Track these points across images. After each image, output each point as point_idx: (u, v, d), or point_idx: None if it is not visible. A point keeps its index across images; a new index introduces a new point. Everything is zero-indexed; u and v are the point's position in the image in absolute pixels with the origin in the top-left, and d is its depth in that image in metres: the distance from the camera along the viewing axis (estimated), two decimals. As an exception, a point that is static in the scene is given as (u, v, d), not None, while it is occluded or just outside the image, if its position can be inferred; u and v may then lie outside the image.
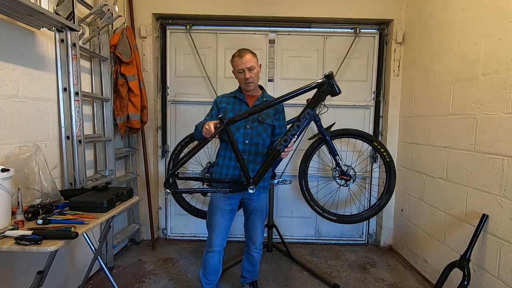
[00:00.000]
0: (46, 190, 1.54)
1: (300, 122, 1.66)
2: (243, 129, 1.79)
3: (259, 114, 1.79)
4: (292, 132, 1.66)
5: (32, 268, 1.60)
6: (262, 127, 1.81)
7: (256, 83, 1.82)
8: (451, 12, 2.09)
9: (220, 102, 1.86)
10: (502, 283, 1.62)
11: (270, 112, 1.83)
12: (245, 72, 1.76)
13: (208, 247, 1.84)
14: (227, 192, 1.74)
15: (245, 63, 1.75)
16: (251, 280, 2.08)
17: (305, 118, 1.67)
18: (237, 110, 1.82)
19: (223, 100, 1.87)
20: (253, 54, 1.80)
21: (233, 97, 1.87)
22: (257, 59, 1.82)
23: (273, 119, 1.85)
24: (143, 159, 2.79)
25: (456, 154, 2.01)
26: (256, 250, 1.94)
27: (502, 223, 1.63)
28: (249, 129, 1.79)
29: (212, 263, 1.84)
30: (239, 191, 1.76)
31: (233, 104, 1.84)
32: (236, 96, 1.86)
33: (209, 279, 1.88)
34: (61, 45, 1.86)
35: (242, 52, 1.77)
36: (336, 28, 2.88)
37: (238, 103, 1.84)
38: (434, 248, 2.23)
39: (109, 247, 2.37)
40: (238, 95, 1.86)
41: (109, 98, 2.32)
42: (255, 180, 1.71)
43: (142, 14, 2.73)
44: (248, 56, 1.76)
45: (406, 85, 2.72)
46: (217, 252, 1.83)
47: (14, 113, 1.57)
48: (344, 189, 2.55)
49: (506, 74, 1.63)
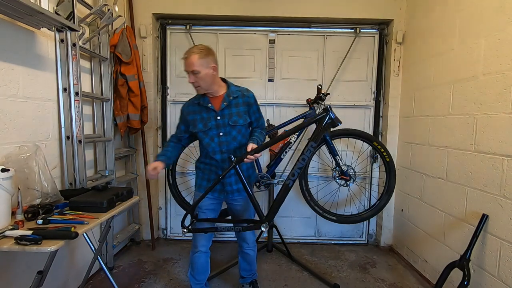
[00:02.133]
0: (46, 190, 1.54)
1: (305, 155, 1.76)
2: (217, 138, 1.70)
3: (229, 117, 1.68)
4: (298, 166, 1.77)
5: (32, 268, 1.60)
6: (236, 130, 1.71)
7: (205, 86, 1.65)
8: (451, 12, 2.09)
9: (187, 114, 1.73)
10: (502, 283, 1.61)
11: (241, 111, 1.71)
12: (189, 76, 1.62)
13: (194, 247, 1.84)
14: (240, 231, 1.76)
15: (188, 66, 1.60)
16: (251, 279, 2.07)
17: (309, 151, 1.77)
18: (206, 119, 1.69)
19: (189, 109, 1.74)
20: (203, 54, 1.59)
21: (198, 104, 1.72)
22: (212, 59, 1.62)
23: (247, 116, 1.74)
24: (143, 159, 2.79)
25: (456, 154, 2.01)
26: (249, 248, 1.94)
27: (502, 223, 1.63)
28: (223, 136, 1.70)
29: (199, 263, 1.83)
30: (253, 229, 1.80)
31: (199, 113, 1.71)
32: (200, 102, 1.71)
33: (198, 279, 1.87)
34: (61, 45, 1.86)
35: (187, 53, 1.60)
36: (336, 28, 2.88)
37: (204, 110, 1.70)
38: (434, 248, 2.23)
39: (109, 247, 2.37)
40: (202, 101, 1.70)
41: (109, 98, 2.32)
42: (268, 218, 1.76)
43: (142, 14, 2.73)
44: (193, 59, 1.57)
45: (406, 85, 2.72)
46: (203, 253, 1.82)
47: (14, 113, 1.57)
48: (344, 189, 2.55)
49: (506, 74, 1.63)
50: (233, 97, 1.71)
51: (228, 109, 1.70)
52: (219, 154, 1.72)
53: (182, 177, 2.92)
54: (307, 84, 2.91)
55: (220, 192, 1.79)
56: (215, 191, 1.78)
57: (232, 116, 1.69)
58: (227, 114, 1.69)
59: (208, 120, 1.69)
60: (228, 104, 1.69)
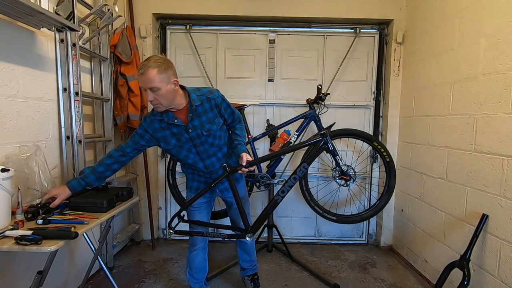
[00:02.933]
0: (46, 190, 1.54)
1: (297, 175, 1.77)
2: (194, 148, 1.59)
3: (201, 127, 1.55)
4: (289, 184, 1.76)
5: (32, 268, 1.60)
6: (212, 137, 1.60)
7: (166, 104, 1.46)
8: (451, 12, 2.09)
9: (154, 131, 1.55)
10: (502, 283, 1.61)
11: (211, 116, 1.58)
12: (146, 93, 1.40)
13: (191, 246, 1.84)
14: (225, 238, 1.74)
15: (145, 83, 1.37)
16: (252, 271, 2.05)
17: (301, 171, 1.77)
18: (177, 134, 1.55)
19: (154, 127, 1.54)
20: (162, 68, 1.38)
21: (163, 121, 1.53)
22: (172, 72, 1.43)
23: (219, 119, 1.62)
24: (143, 159, 2.79)
25: (456, 154, 2.01)
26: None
27: (502, 223, 1.63)
28: (200, 146, 1.59)
29: (197, 262, 1.83)
30: (237, 238, 1.78)
31: (168, 129, 1.55)
32: (163, 119, 1.52)
33: (196, 278, 1.86)
34: (61, 45, 1.86)
35: (143, 67, 1.36)
36: (336, 28, 2.88)
37: (173, 126, 1.54)
38: (434, 248, 2.23)
39: (109, 247, 2.37)
40: (166, 117, 1.51)
41: (109, 98, 2.32)
42: (253, 228, 1.73)
43: (142, 14, 2.73)
44: (150, 74, 1.35)
45: (406, 85, 2.72)
46: (201, 250, 1.82)
47: (14, 113, 1.57)
48: (344, 189, 2.55)
49: (506, 74, 1.63)
50: (195, 105, 1.54)
51: (197, 118, 1.55)
52: (200, 162, 1.64)
53: (182, 177, 2.91)
54: (307, 84, 2.91)
55: (212, 192, 1.79)
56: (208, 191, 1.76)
57: (203, 125, 1.56)
58: (198, 124, 1.55)
59: (180, 134, 1.56)
60: (194, 113, 1.54)
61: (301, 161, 1.80)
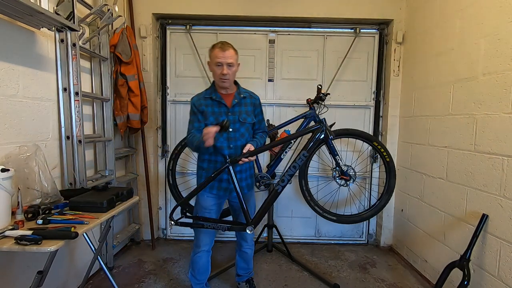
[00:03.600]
0: (46, 190, 1.54)
1: (297, 163, 1.80)
2: (226, 133, 1.71)
3: (239, 114, 1.75)
4: (289, 172, 1.80)
5: (32, 268, 1.60)
6: (245, 128, 1.77)
7: (232, 81, 1.75)
8: (451, 12, 2.09)
9: (199, 105, 1.74)
10: (502, 283, 1.62)
11: (249, 110, 1.79)
12: (223, 67, 1.66)
13: (196, 247, 1.84)
14: (225, 230, 1.76)
15: (226, 58, 1.64)
16: (247, 277, 2.09)
17: (301, 159, 1.81)
18: (217, 113, 1.73)
19: (200, 102, 1.75)
20: (236, 51, 1.71)
21: (210, 98, 1.75)
22: (238, 57, 1.75)
23: (253, 116, 1.81)
24: (143, 159, 2.79)
25: (456, 154, 2.01)
26: (248, 246, 1.96)
27: (502, 223, 1.63)
28: (232, 132, 1.73)
29: (201, 263, 1.84)
30: (238, 230, 1.80)
31: (211, 107, 1.74)
32: (212, 97, 1.75)
33: (199, 279, 1.88)
34: (61, 45, 1.86)
35: (225, 45, 1.66)
36: (336, 28, 2.88)
37: (216, 105, 1.75)
38: (434, 248, 2.23)
39: (109, 247, 2.37)
40: (214, 96, 1.75)
41: (109, 98, 2.32)
42: (254, 221, 1.75)
43: (142, 14, 2.73)
44: (231, 52, 1.66)
45: (406, 85, 2.72)
46: (205, 252, 1.84)
47: (14, 113, 1.57)
48: (344, 189, 2.55)
49: (506, 74, 1.63)
50: (242, 96, 1.79)
51: (239, 106, 1.77)
52: (226, 150, 1.73)
53: (182, 177, 2.92)
54: (307, 84, 2.91)
55: (225, 191, 1.79)
56: (220, 189, 1.78)
57: (241, 113, 1.76)
58: (238, 111, 1.76)
59: (219, 114, 1.72)
60: (239, 102, 1.77)
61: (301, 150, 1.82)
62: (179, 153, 2.60)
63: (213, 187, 1.78)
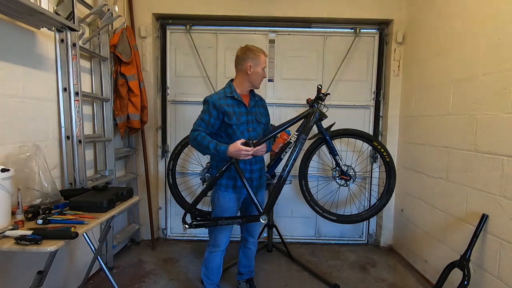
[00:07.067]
0: (46, 190, 1.54)
1: (297, 148, 1.88)
2: (247, 133, 1.77)
3: (256, 115, 1.83)
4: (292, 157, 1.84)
5: (32, 268, 1.60)
6: (260, 127, 1.86)
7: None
8: (451, 12, 2.09)
9: (220, 106, 1.70)
10: (502, 283, 1.61)
11: (262, 111, 1.90)
12: (266, 70, 1.84)
13: (212, 247, 1.85)
14: (240, 224, 1.78)
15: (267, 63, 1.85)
16: (248, 276, 2.09)
17: (301, 143, 1.90)
18: (238, 113, 1.75)
19: (221, 103, 1.72)
20: None
21: (230, 98, 1.77)
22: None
23: (265, 117, 1.92)
24: (143, 159, 2.79)
25: (456, 154, 2.01)
26: (253, 243, 2.00)
27: (502, 223, 1.63)
28: (252, 132, 1.79)
29: (215, 263, 1.86)
30: (252, 221, 1.79)
31: (232, 107, 1.75)
32: (234, 96, 1.77)
33: (212, 279, 1.88)
34: (61, 45, 1.86)
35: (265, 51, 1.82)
36: (336, 28, 2.88)
37: (236, 104, 1.77)
38: (434, 248, 2.23)
39: (109, 247, 2.37)
40: (236, 95, 1.78)
41: (109, 98, 2.32)
42: (266, 210, 1.77)
43: (142, 14, 2.73)
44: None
45: (406, 85, 2.72)
46: (221, 252, 1.86)
47: (14, 113, 1.57)
48: (344, 189, 2.55)
49: (506, 74, 1.63)
50: (257, 98, 1.90)
51: (255, 107, 1.85)
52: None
53: (182, 177, 2.92)
54: (307, 84, 2.90)
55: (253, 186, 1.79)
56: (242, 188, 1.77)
57: (257, 114, 1.85)
58: (254, 111, 1.84)
59: (240, 114, 1.77)
60: (255, 103, 1.86)
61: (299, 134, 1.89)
62: (179, 153, 2.60)
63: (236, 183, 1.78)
